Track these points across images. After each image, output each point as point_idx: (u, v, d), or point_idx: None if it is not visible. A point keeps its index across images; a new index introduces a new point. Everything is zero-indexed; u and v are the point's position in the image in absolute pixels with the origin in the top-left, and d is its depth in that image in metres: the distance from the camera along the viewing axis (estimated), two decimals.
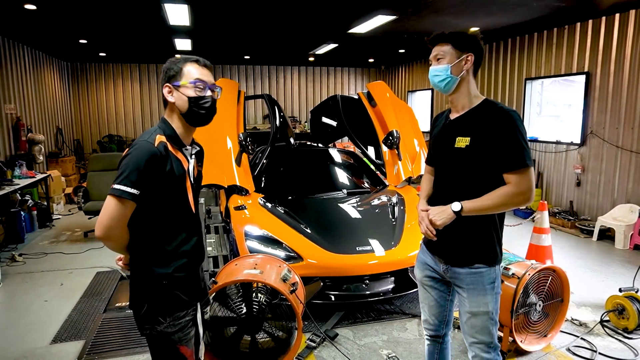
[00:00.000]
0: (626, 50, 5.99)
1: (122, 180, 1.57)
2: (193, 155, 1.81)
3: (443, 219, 1.94)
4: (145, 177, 1.59)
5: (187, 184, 1.76)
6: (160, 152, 1.63)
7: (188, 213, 1.77)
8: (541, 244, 4.49)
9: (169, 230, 1.72)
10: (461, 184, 1.98)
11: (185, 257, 1.75)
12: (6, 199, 6.04)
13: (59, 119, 10.35)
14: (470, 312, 2.02)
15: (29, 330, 3.61)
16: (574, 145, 6.92)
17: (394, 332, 3.56)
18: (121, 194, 1.56)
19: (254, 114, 13.04)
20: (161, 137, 1.68)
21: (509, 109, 1.90)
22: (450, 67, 1.94)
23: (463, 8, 5.86)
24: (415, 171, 5.03)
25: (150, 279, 1.70)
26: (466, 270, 2.00)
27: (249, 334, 2.96)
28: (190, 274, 1.77)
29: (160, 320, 1.70)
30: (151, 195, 1.62)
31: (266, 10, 6.07)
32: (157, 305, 1.70)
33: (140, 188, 1.58)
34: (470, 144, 1.92)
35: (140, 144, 1.63)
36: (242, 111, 5.35)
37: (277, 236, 3.80)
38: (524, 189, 1.86)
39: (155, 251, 1.70)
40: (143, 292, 1.72)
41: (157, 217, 1.69)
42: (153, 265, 1.70)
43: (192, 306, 1.79)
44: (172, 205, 1.71)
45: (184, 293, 1.74)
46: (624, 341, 3.41)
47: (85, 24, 6.85)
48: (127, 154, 1.62)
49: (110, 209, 1.58)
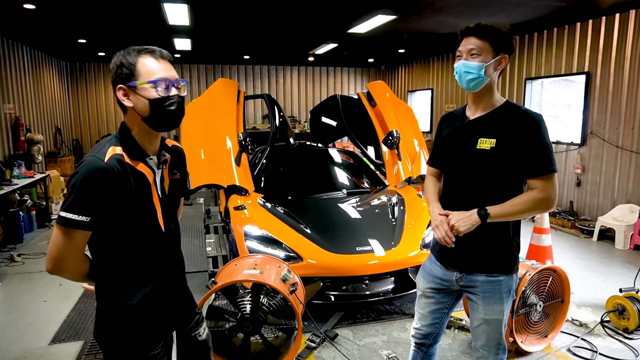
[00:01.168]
0: (626, 50, 5.99)
1: (68, 206, 1.34)
2: (161, 165, 1.56)
3: (467, 226, 1.80)
4: (95, 200, 1.35)
5: (155, 199, 1.52)
6: (113, 167, 1.38)
7: (156, 232, 1.53)
8: (541, 244, 4.48)
9: (132, 253, 1.49)
10: (482, 187, 1.89)
11: (155, 282, 1.55)
12: (5, 199, 6.02)
13: (58, 119, 10.34)
14: (484, 320, 1.94)
15: (28, 330, 3.60)
16: (574, 146, 6.91)
17: (394, 332, 3.55)
18: (67, 223, 1.34)
19: (253, 113, 13.04)
20: (115, 148, 1.44)
21: (534, 113, 1.84)
22: (485, 66, 1.80)
23: (463, 8, 5.85)
24: (415, 171, 5.02)
25: (114, 311, 1.51)
26: (484, 278, 1.91)
27: (248, 334, 2.94)
28: (162, 300, 1.58)
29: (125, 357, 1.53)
30: (107, 218, 1.40)
31: (266, 10, 6.06)
32: (122, 343, 1.52)
33: (91, 213, 1.35)
34: (496, 146, 1.83)
35: (87, 160, 1.38)
36: (242, 111, 5.34)
37: (277, 236, 3.79)
38: (549, 195, 1.80)
39: (118, 278, 1.50)
40: (107, 326, 1.52)
41: (118, 240, 1.46)
42: (117, 295, 1.50)
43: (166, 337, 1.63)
44: (134, 225, 1.47)
45: (154, 325, 1.56)
46: (625, 341, 3.40)
47: (84, 23, 6.84)
48: (73, 173, 1.38)
49: (59, 240, 1.38)
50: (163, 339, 1.62)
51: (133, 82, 1.43)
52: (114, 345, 1.53)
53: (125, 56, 1.46)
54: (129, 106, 1.46)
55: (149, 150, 1.53)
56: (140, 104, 1.45)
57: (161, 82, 1.45)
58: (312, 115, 6.96)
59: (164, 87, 1.46)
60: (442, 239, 1.86)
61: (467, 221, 1.81)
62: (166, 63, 1.50)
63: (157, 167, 1.55)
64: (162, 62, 1.48)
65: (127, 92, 1.45)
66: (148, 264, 1.54)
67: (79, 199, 1.35)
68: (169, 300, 1.62)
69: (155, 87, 1.44)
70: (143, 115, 1.46)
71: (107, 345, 1.55)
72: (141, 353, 1.54)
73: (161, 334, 1.61)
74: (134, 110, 1.46)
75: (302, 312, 2.98)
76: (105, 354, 1.56)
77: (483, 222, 1.81)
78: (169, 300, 1.62)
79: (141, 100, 1.44)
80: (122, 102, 1.46)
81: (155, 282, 1.56)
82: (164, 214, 1.56)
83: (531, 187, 1.84)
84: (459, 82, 1.88)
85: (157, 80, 1.44)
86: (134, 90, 1.44)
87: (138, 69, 1.44)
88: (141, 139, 1.50)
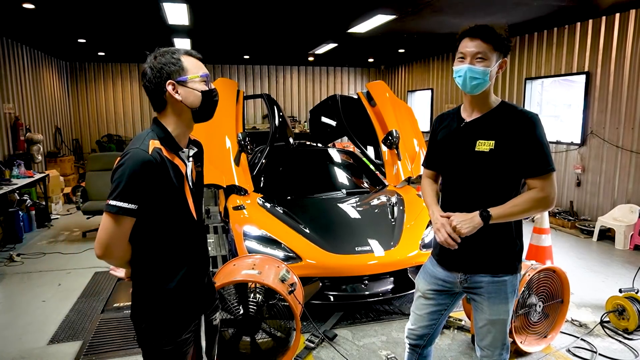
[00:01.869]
0: (626, 50, 5.98)
1: (117, 195, 1.44)
2: (190, 157, 1.68)
3: (469, 227, 1.79)
4: (142, 189, 1.46)
5: (187, 190, 1.63)
6: (156, 159, 1.49)
7: (190, 221, 1.65)
8: (541, 245, 4.47)
9: (169, 240, 1.60)
10: (481, 189, 1.89)
11: (188, 266, 1.65)
12: (4, 198, 6.02)
13: (57, 119, 10.33)
14: (490, 320, 1.94)
15: (27, 330, 3.60)
16: (574, 145, 6.90)
17: (393, 332, 3.54)
18: (117, 210, 1.44)
19: (253, 113, 13.03)
20: (154, 142, 1.53)
21: (530, 113, 1.84)
22: (490, 70, 1.79)
23: (463, 8, 5.85)
24: (414, 171, 5.02)
25: (152, 295, 1.61)
26: (489, 279, 1.91)
27: (247, 335, 2.94)
28: (194, 285, 1.68)
29: (159, 339, 1.61)
30: (150, 207, 1.50)
31: (266, 10, 6.06)
32: (158, 326, 1.61)
33: (138, 202, 1.46)
34: (495, 148, 1.83)
35: (132, 152, 1.48)
36: (241, 111, 5.34)
37: (276, 236, 3.78)
38: (549, 194, 1.82)
39: (156, 264, 1.60)
40: (144, 309, 1.62)
41: (157, 228, 1.57)
42: (155, 279, 1.60)
43: (195, 321, 1.70)
44: (172, 214, 1.59)
45: (188, 308, 1.65)
46: (624, 342, 3.40)
47: (84, 23, 6.83)
48: (119, 164, 1.48)
49: (108, 227, 1.46)
50: (194, 322, 1.69)
51: (184, 77, 1.55)
52: (150, 327, 1.61)
53: (171, 54, 1.57)
54: (177, 99, 1.55)
55: (182, 143, 1.64)
56: (192, 96, 1.57)
57: (205, 77, 1.60)
58: (312, 115, 6.96)
59: (206, 80, 1.60)
60: (445, 241, 1.83)
61: (469, 223, 1.80)
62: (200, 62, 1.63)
63: (188, 160, 1.65)
64: (198, 61, 1.62)
65: (176, 86, 1.55)
66: (183, 250, 1.64)
67: (127, 188, 1.44)
68: (199, 284, 1.72)
69: (205, 81, 1.59)
70: (193, 107, 1.58)
71: (143, 327, 1.62)
72: (174, 335, 1.62)
73: (193, 317, 1.69)
74: (181, 103, 1.56)
75: (301, 312, 2.97)
76: (140, 335, 1.64)
77: (485, 223, 1.80)
78: (199, 284, 1.72)
79: (193, 93, 1.57)
80: (172, 96, 1.55)
81: (189, 267, 1.65)
82: (194, 203, 1.67)
83: (530, 187, 1.84)
84: (462, 86, 1.84)
85: (205, 75, 1.59)
86: (184, 84, 1.55)
87: (186, 65, 1.56)
88: (177, 133, 1.61)
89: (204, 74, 1.59)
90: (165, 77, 1.54)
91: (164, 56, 1.57)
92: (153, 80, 1.55)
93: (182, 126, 1.61)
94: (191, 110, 1.59)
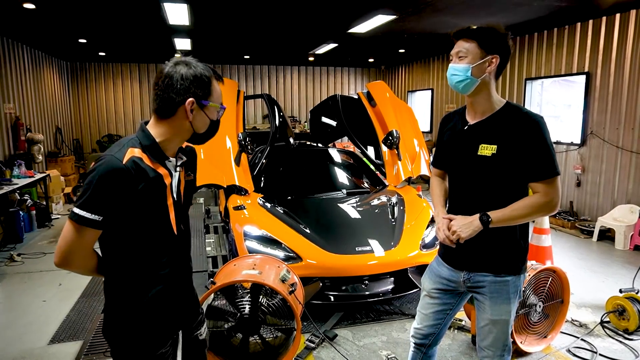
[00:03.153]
0: (626, 50, 5.98)
1: (82, 204, 1.35)
2: (178, 167, 1.57)
3: (469, 232, 1.81)
4: (110, 200, 1.36)
5: (169, 202, 1.53)
6: (129, 168, 1.39)
7: (168, 234, 1.55)
8: (541, 245, 4.48)
9: (145, 253, 1.50)
10: (485, 193, 1.88)
11: (165, 281, 1.55)
12: (5, 198, 6.02)
13: (58, 119, 10.34)
14: (491, 320, 1.94)
15: (27, 330, 3.60)
16: (574, 146, 6.91)
17: (394, 332, 3.54)
18: (79, 220, 1.35)
19: (253, 113, 13.04)
20: (133, 150, 1.43)
21: (535, 115, 1.81)
22: (471, 67, 1.80)
23: (463, 8, 5.85)
24: (415, 171, 5.02)
25: (124, 308, 1.52)
26: (491, 278, 1.91)
27: (248, 334, 2.94)
28: (171, 299, 1.59)
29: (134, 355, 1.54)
30: (119, 218, 1.41)
31: (266, 10, 6.06)
32: (132, 341, 1.53)
33: (104, 213, 1.36)
34: (497, 152, 1.81)
35: (106, 159, 1.39)
36: (242, 111, 5.34)
37: (276, 236, 3.78)
38: (552, 199, 1.79)
39: (129, 276, 1.51)
40: (117, 323, 1.53)
41: (130, 240, 1.48)
42: (128, 292, 1.51)
43: (173, 336, 1.64)
44: (148, 227, 1.49)
45: (164, 323, 1.57)
46: (625, 342, 3.40)
47: (84, 23, 6.84)
48: (90, 170, 1.39)
49: (69, 235, 1.38)
50: (171, 337, 1.63)
51: (206, 102, 1.49)
52: (123, 342, 1.54)
53: (203, 71, 1.48)
54: (187, 118, 1.48)
55: (169, 153, 1.54)
56: (201, 122, 1.51)
57: (223, 109, 1.56)
58: (312, 115, 6.96)
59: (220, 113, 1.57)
60: (443, 240, 1.90)
61: (469, 227, 1.82)
62: None
63: (175, 170, 1.56)
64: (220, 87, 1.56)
65: (194, 105, 1.47)
66: (159, 263, 1.54)
67: (93, 198, 1.35)
68: (178, 299, 1.64)
69: (218, 112, 1.55)
70: (197, 132, 1.52)
71: (116, 342, 1.55)
72: (150, 351, 1.55)
73: (170, 332, 1.62)
74: (188, 122, 1.49)
75: (301, 312, 2.98)
76: (114, 351, 1.57)
77: (485, 227, 1.81)
78: (178, 299, 1.64)
79: (204, 119, 1.51)
80: (187, 112, 1.46)
81: (166, 281, 1.57)
82: (177, 215, 1.58)
83: (534, 191, 1.83)
84: (452, 86, 1.89)
85: (223, 107, 1.55)
86: (202, 108, 1.49)
87: (212, 90, 1.51)
88: (167, 143, 1.51)
89: (223, 107, 1.56)
90: (192, 91, 1.46)
91: (196, 69, 1.47)
92: (178, 87, 1.45)
93: (174, 139, 1.53)
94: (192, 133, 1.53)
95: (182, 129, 1.51)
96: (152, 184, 1.46)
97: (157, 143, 1.49)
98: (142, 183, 1.42)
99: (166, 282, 1.57)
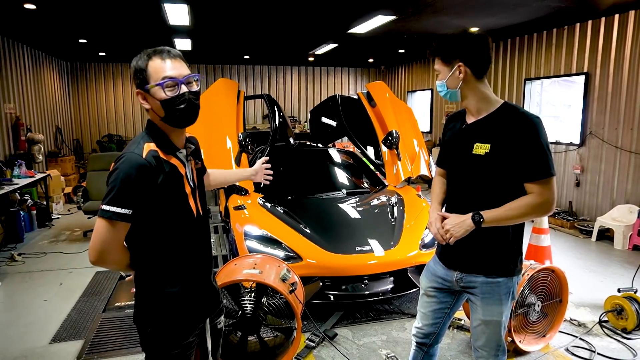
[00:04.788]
0: (625, 50, 6.00)
1: (110, 200, 1.41)
2: (189, 157, 1.65)
3: (461, 231, 1.83)
4: (136, 194, 1.43)
5: (187, 190, 1.60)
6: (150, 163, 1.46)
7: (190, 220, 1.62)
8: (540, 244, 4.49)
9: (170, 243, 1.57)
10: (479, 192, 1.89)
11: (191, 268, 1.63)
12: (5, 198, 6.04)
13: (58, 119, 10.35)
14: (483, 320, 1.95)
15: (29, 329, 3.61)
16: (573, 146, 6.92)
17: (393, 332, 3.56)
18: (111, 215, 1.41)
19: (253, 113, 13.05)
20: (149, 145, 1.50)
21: (531, 115, 1.80)
22: (445, 82, 1.90)
23: (463, 8, 5.86)
24: (414, 171, 5.04)
25: (155, 298, 1.58)
26: (482, 279, 1.91)
27: (247, 333, 2.95)
28: (198, 287, 1.66)
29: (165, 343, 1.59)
30: (146, 211, 1.47)
31: (266, 10, 6.07)
32: (163, 330, 1.58)
33: (132, 207, 1.43)
34: (490, 151, 1.82)
35: (127, 156, 1.45)
36: (242, 111, 5.35)
37: (277, 236, 3.80)
38: (547, 199, 1.78)
39: (158, 267, 1.57)
40: (148, 313, 1.59)
41: (156, 231, 1.54)
42: (158, 282, 1.57)
43: (201, 324, 1.69)
44: (172, 216, 1.55)
45: (193, 311, 1.63)
46: (623, 341, 3.42)
47: (84, 23, 6.85)
48: (114, 168, 1.45)
49: (102, 232, 1.43)
50: (197, 327, 1.67)
51: (146, 86, 1.50)
52: (154, 331, 1.59)
53: (137, 61, 1.52)
54: (148, 108, 1.54)
55: (178, 144, 1.60)
56: (155, 105, 1.52)
57: (168, 81, 1.49)
58: (312, 115, 6.97)
59: (172, 85, 1.50)
60: (435, 235, 1.95)
61: (461, 226, 1.84)
62: (175, 61, 1.53)
63: (187, 160, 1.63)
64: (169, 61, 1.51)
65: (144, 95, 1.52)
66: (185, 252, 1.61)
67: (121, 193, 1.41)
68: (204, 286, 1.70)
69: (163, 88, 1.49)
70: (160, 116, 1.53)
71: (147, 331, 1.60)
72: (179, 340, 1.60)
73: (198, 321, 1.67)
74: (153, 111, 1.54)
75: (302, 311, 2.99)
76: (144, 339, 1.62)
77: (477, 227, 1.81)
78: (204, 286, 1.70)
79: (155, 102, 1.51)
80: (143, 105, 1.54)
81: (192, 268, 1.63)
82: (195, 201, 1.65)
83: (529, 192, 1.82)
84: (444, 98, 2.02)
85: (164, 81, 1.48)
86: (148, 93, 1.51)
87: (149, 72, 1.49)
88: (170, 135, 1.58)
89: (162, 81, 1.48)
90: (136, 83, 1.52)
91: (135, 62, 1.52)
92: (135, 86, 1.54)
93: (168, 129, 1.57)
94: (160, 119, 1.53)
95: (156, 118, 1.56)
96: (170, 175, 1.53)
97: (165, 135, 1.56)
98: (161, 175, 1.49)
99: (193, 268, 1.63)
